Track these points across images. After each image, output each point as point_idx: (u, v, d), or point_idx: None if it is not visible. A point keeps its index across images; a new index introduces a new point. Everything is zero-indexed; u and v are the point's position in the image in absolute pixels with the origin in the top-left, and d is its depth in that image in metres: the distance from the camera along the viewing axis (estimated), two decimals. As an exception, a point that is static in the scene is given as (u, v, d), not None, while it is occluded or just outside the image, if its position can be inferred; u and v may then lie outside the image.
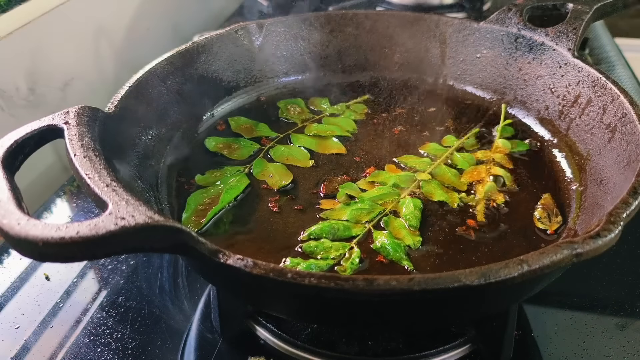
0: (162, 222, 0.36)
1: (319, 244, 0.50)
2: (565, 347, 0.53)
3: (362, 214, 0.54)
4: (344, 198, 0.57)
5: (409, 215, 0.54)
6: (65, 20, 0.85)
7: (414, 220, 0.53)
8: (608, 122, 0.56)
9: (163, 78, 0.63)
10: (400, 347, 0.52)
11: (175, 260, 0.64)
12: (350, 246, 0.50)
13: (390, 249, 0.50)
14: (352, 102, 0.74)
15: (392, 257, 0.49)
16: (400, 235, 0.52)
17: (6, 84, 0.75)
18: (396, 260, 0.49)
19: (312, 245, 0.50)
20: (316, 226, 0.52)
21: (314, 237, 0.51)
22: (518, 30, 0.69)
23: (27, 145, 0.45)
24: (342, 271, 0.48)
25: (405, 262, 0.49)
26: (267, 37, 0.75)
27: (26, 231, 0.34)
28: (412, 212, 0.54)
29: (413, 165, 0.62)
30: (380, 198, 0.56)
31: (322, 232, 0.52)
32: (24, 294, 0.61)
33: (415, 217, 0.54)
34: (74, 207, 0.74)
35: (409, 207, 0.55)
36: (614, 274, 0.60)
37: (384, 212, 0.54)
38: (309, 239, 0.51)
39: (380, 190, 0.57)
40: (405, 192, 0.57)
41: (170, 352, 0.54)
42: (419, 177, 0.59)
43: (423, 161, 0.62)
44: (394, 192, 0.57)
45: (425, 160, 0.62)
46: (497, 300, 0.44)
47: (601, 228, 0.38)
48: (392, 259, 0.49)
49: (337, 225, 0.52)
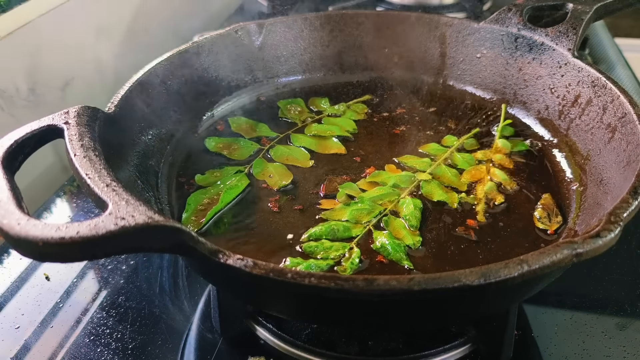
0: (162, 222, 0.36)
1: (319, 244, 0.50)
2: (565, 347, 0.53)
3: (362, 214, 0.54)
4: (344, 198, 0.57)
5: (409, 215, 0.54)
6: (65, 20, 0.85)
7: (414, 220, 0.53)
8: (608, 122, 0.56)
9: (163, 78, 0.63)
10: (400, 347, 0.52)
11: (175, 260, 0.64)
12: (350, 246, 0.50)
13: (390, 249, 0.50)
14: (353, 102, 0.74)
15: (392, 257, 0.49)
16: (400, 235, 0.52)
17: (6, 84, 0.75)
18: (396, 260, 0.49)
19: (312, 245, 0.50)
20: (316, 227, 0.52)
21: (314, 238, 0.51)
22: (518, 30, 0.69)
23: (27, 145, 0.45)
24: (342, 271, 0.48)
25: (405, 262, 0.49)
26: (267, 37, 0.75)
27: (26, 231, 0.34)
28: (412, 212, 0.54)
29: (413, 165, 0.62)
30: (380, 198, 0.56)
31: (322, 234, 0.52)
32: (24, 294, 0.61)
33: (415, 217, 0.54)
34: (74, 207, 0.74)
35: (409, 207, 0.55)
36: (614, 274, 0.60)
37: (384, 212, 0.55)
38: (309, 240, 0.51)
39: (380, 190, 0.57)
40: (405, 192, 0.57)
41: (170, 352, 0.54)
42: (419, 177, 0.59)
43: (423, 161, 0.62)
44: (394, 193, 0.57)
45: (425, 161, 0.62)
46: (497, 300, 0.44)
47: (601, 228, 0.38)
48: (392, 259, 0.49)
49: (337, 226, 0.52)
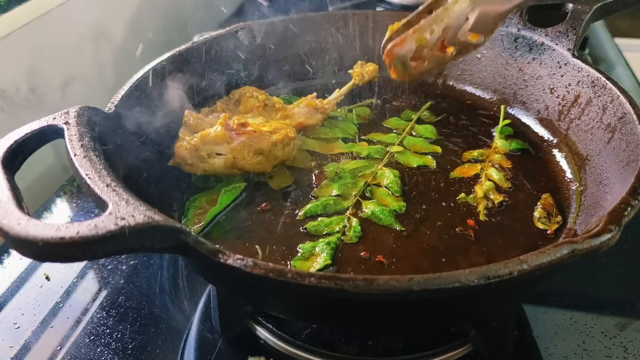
0: (162, 222, 0.36)
1: (319, 222, 0.54)
2: (565, 347, 0.53)
3: (349, 188, 0.58)
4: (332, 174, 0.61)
5: (391, 183, 0.58)
6: (65, 20, 0.85)
7: (395, 187, 0.58)
8: (608, 122, 0.56)
9: (163, 78, 0.63)
10: (400, 347, 0.52)
11: (175, 260, 0.64)
12: (347, 217, 0.54)
13: (380, 214, 0.54)
14: (355, 106, 0.74)
15: (383, 222, 0.53)
16: (386, 202, 0.56)
17: (6, 84, 0.75)
18: (387, 224, 0.53)
19: (314, 225, 0.53)
20: (310, 204, 0.56)
21: (310, 214, 0.55)
22: (518, 30, 0.69)
23: (27, 145, 0.45)
24: (349, 240, 0.52)
25: (397, 225, 0.53)
26: (267, 37, 0.75)
27: (26, 231, 0.34)
28: (393, 181, 0.59)
29: (382, 139, 0.67)
30: (360, 170, 0.61)
31: (317, 209, 0.55)
32: (24, 294, 0.61)
33: (397, 184, 0.58)
34: (74, 207, 0.74)
35: (389, 177, 0.59)
36: (614, 274, 0.60)
37: (367, 183, 0.58)
38: (305, 217, 0.55)
39: (357, 163, 0.62)
40: (381, 164, 0.62)
41: (170, 352, 0.54)
42: (393, 149, 0.65)
43: (391, 136, 0.67)
44: (370, 165, 0.62)
45: (392, 136, 0.67)
46: (497, 300, 0.44)
47: (601, 228, 0.38)
48: (384, 223, 0.53)
49: (327, 200, 0.56)
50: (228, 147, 0.58)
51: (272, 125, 0.62)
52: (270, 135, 0.60)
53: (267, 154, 0.59)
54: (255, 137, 0.58)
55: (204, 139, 0.57)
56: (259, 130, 0.59)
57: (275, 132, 0.60)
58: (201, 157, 0.57)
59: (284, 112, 0.67)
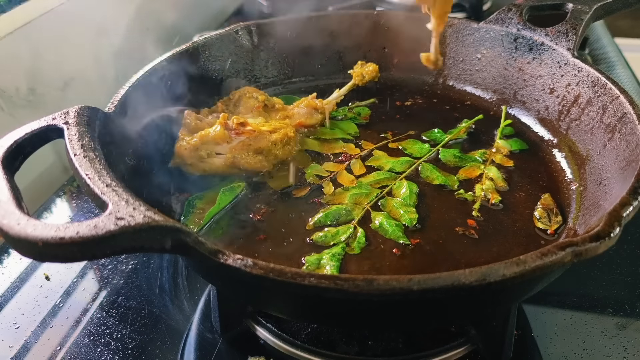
0: (162, 222, 0.36)
1: (326, 233, 0.52)
2: (565, 347, 0.53)
3: (361, 198, 0.57)
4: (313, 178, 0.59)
5: (405, 196, 0.56)
6: (65, 20, 0.85)
7: (410, 200, 0.56)
8: (608, 122, 0.56)
9: (163, 78, 0.63)
10: (400, 347, 0.52)
11: (175, 260, 0.64)
12: (354, 226, 0.53)
13: (388, 227, 0.52)
14: (355, 106, 0.74)
15: (390, 236, 0.52)
16: (397, 215, 0.54)
17: (6, 84, 0.75)
18: (394, 238, 0.51)
19: (321, 235, 0.52)
20: (321, 213, 0.54)
21: (321, 224, 0.53)
22: (518, 30, 0.69)
23: (27, 145, 0.45)
24: (351, 251, 0.50)
25: (402, 239, 0.51)
26: (266, 37, 0.75)
27: (26, 231, 0.34)
28: (408, 195, 0.57)
29: (412, 151, 0.64)
30: (378, 182, 0.59)
31: (327, 218, 0.54)
32: (24, 294, 0.61)
33: (412, 198, 0.56)
34: (74, 207, 0.74)
35: (405, 190, 0.57)
36: (614, 274, 0.60)
37: (381, 194, 0.57)
38: (315, 227, 0.53)
39: (378, 175, 0.60)
40: (402, 177, 0.60)
41: (170, 352, 0.54)
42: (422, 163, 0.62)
43: (424, 147, 0.65)
44: (392, 177, 0.60)
45: (426, 147, 0.65)
46: (497, 300, 0.44)
47: (601, 228, 0.38)
48: (390, 237, 0.52)
49: (339, 210, 0.55)
50: (227, 146, 0.58)
51: (272, 125, 0.62)
52: (270, 134, 0.60)
53: (267, 153, 0.59)
54: (255, 136, 0.58)
55: (203, 138, 0.57)
56: (258, 130, 0.59)
57: (275, 132, 0.60)
58: (201, 157, 0.57)
59: (283, 112, 0.67)
